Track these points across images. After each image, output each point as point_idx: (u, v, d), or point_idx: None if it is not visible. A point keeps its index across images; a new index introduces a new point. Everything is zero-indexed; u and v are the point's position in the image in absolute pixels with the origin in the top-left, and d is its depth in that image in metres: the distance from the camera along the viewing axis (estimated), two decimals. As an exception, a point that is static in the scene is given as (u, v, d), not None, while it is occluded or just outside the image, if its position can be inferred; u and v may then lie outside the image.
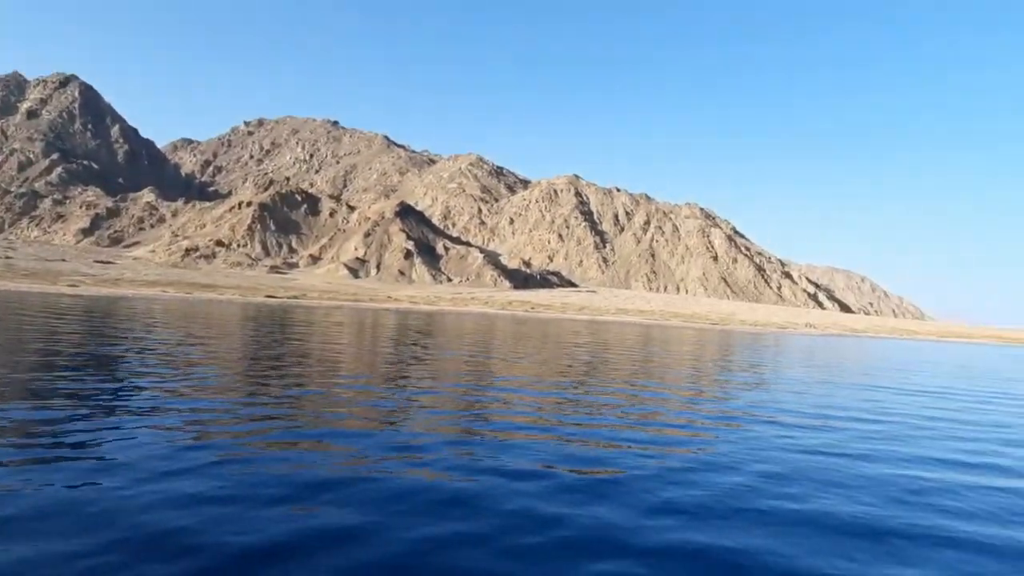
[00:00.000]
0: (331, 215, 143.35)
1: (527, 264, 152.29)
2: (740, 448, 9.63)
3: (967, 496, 7.82)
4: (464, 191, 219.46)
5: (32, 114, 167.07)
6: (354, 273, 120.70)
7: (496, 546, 5.30)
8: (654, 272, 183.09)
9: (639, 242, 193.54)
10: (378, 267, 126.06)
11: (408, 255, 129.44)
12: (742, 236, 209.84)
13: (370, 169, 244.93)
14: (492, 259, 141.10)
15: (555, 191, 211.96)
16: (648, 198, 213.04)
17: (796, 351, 38.04)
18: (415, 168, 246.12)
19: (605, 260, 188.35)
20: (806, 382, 20.42)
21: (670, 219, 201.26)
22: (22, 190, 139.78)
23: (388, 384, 13.68)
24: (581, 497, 6.65)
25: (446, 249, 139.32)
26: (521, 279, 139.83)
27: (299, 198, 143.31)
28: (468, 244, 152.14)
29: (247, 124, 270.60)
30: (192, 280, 79.57)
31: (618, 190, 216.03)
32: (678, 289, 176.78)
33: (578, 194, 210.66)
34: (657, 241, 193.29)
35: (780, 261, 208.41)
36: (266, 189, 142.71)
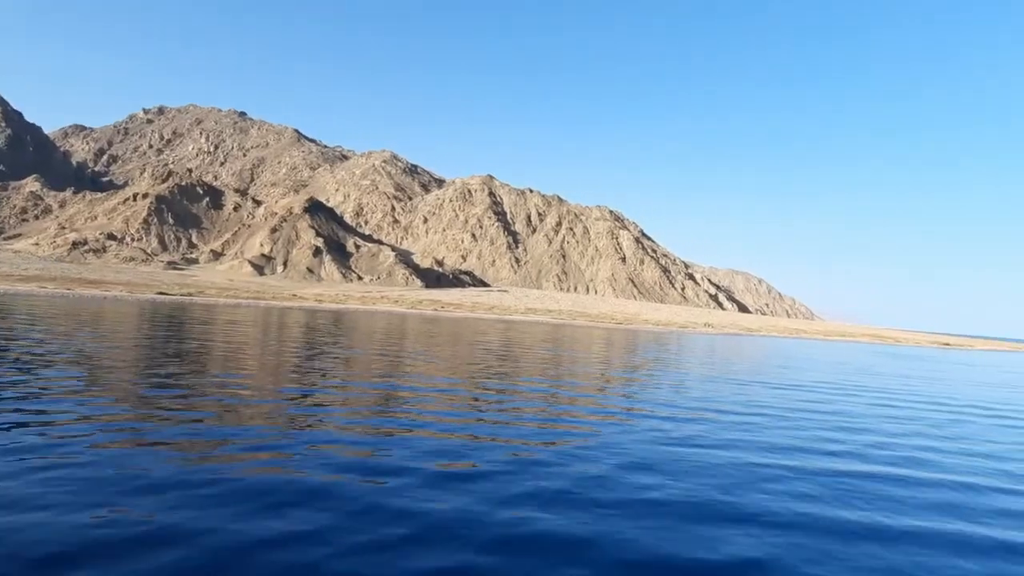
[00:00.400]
0: (235, 209, 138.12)
1: (439, 263, 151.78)
2: (609, 440, 10.22)
3: (793, 478, 8.69)
4: (377, 188, 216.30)
5: None
6: (259, 270, 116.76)
7: (334, 543, 5.22)
8: (565, 272, 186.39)
9: (551, 243, 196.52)
10: (285, 264, 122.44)
11: (317, 252, 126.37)
12: (649, 238, 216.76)
13: (279, 163, 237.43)
14: (404, 258, 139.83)
15: (469, 191, 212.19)
16: (560, 200, 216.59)
17: (691, 350, 39.82)
18: (327, 163, 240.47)
19: (517, 260, 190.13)
20: (693, 378, 21.68)
21: (581, 221, 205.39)
22: None
23: (265, 383, 13.51)
24: (437, 492, 6.73)
25: (357, 247, 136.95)
26: (433, 278, 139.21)
27: (200, 191, 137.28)
28: (380, 242, 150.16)
29: (146, 111, 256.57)
30: (77, 275, 74.82)
31: (531, 191, 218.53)
32: (588, 289, 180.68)
33: (492, 194, 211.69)
34: (568, 242, 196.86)
35: (684, 263, 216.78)
36: (164, 180, 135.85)
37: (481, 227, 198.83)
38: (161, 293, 56.56)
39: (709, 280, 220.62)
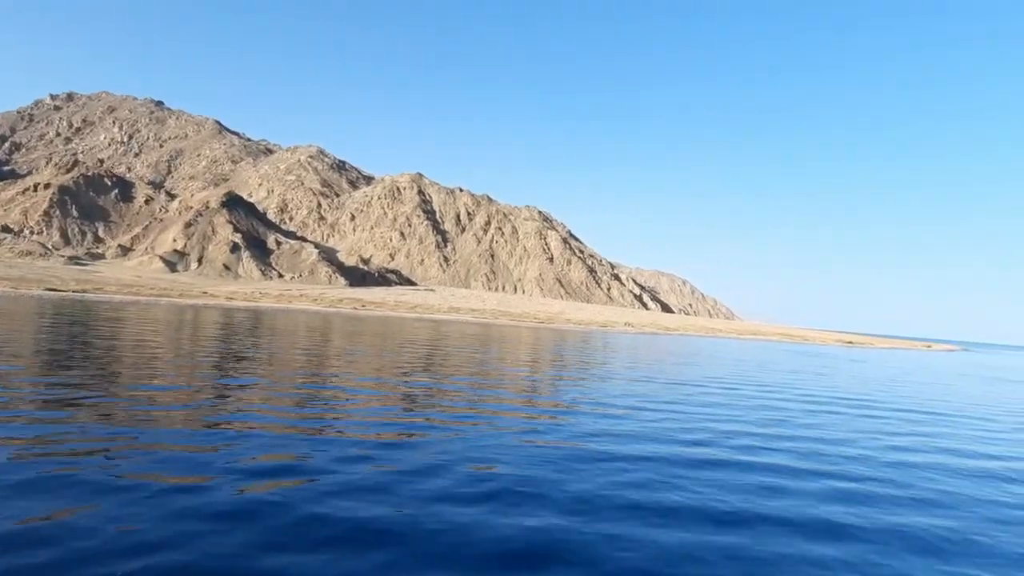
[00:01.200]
0: (147, 202, 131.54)
1: (365, 261, 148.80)
2: (469, 438, 9.87)
3: (631, 467, 8.82)
4: (303, 184, 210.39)
5: None
6: (171, 266, 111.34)
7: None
8: (493, 272, 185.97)
9: (479, 242, 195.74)
10: (200, 261, 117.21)
11: (235, 249, 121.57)
12: (576, 239, 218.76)
13: (199, 156, 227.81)
14: (328, 255, 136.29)
15: (398, 188, 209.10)
16: (490, 199, 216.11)
17: (605, 348, 39.65)
18: (250, 157, 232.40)
19: (446, 259, 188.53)
20: (592, 375, 21.52)
21: (510, 220, 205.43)
22: None
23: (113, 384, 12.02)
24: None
25: (278, 244, 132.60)
26: (358, 277, 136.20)
27: (109, 182, 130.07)
28: (303, 239, 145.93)
29: (54, 97, 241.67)
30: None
31: (461, 190, 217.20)
32: (516, 289, 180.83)
33: (421, 192, 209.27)
34: (497, 242, 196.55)
35: (610, 264, 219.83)
36: (69, 171, 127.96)
37: (410, 225, 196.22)
38: (51, 289, 52.65)
39: (634, 280, 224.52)
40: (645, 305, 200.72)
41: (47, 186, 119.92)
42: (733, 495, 7.85)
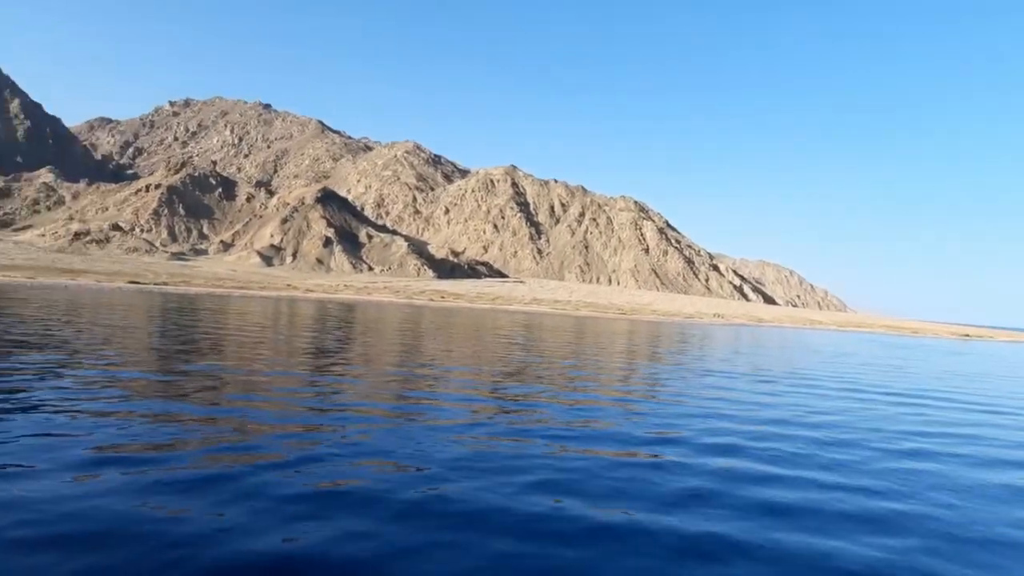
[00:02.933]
0: (248, 200, 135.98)
1: (455, 254, 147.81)
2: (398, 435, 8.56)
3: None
4: (399, 179, 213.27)
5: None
6: (267, 261, 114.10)
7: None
8: (587, 264, 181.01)
9: (573, 233, 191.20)
10: (294, 255, 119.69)
11: (327, 243, 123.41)
12: (674, 229, 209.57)
13: (302, 155, 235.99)
14: (417, 248, 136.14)
15: (492, 181, 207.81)
16: (584, 190, 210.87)
17: (672, 339, 34.95)
18: (350, 155, 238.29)
19: (539, 251, 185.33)
20: (636, 367, 19.89)
21: (604, 211, 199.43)
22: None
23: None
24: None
25: (369, 237, 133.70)
26: (447, 269, 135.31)
27: (213, 181, 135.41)
28: (394, 233, 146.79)
29: (172, 104, 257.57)
30: (68, 265, 72.48)
31: (555, 181, 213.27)
32: (610, 280, 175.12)
33: (515, 185, 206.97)
34: (591, 233, 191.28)
35: (709, 254, 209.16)
36: (177, 172, 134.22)
37: (503, 218, 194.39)
38: (132, 282, 53.29)
39: (734, 271, 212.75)
40: (745, 296, 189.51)
41: (157, 187, 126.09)
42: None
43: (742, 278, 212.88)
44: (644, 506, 6.30)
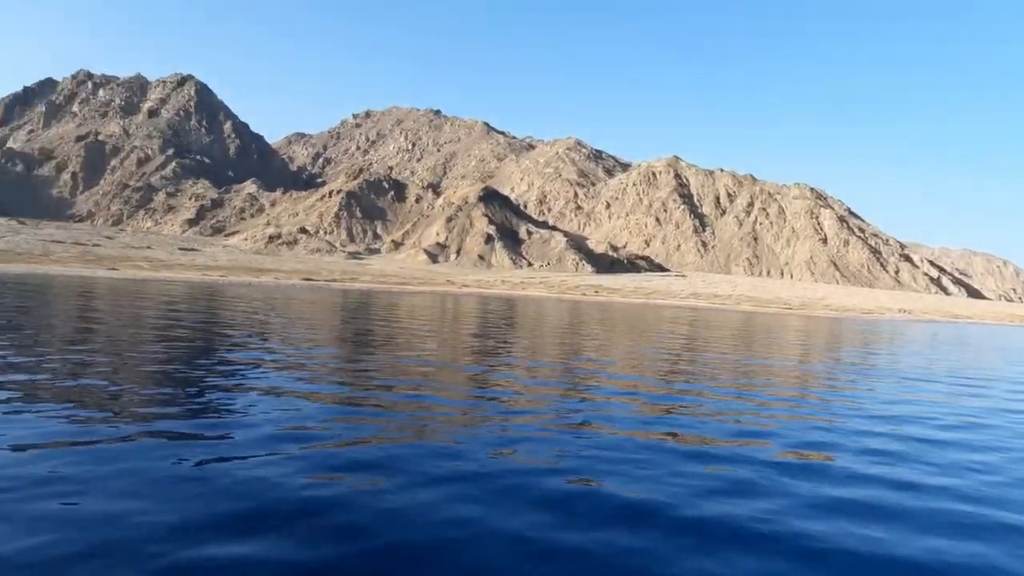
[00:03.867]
0: (417, 201, 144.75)
1: (615, 249, 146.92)
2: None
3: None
4: (560, 175, 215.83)
5: (152, 113, 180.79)
6: (433, 258, 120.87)
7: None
8: (756, 256, 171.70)
9: (741, 225, 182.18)
10: (458, 252, 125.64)
11: (488, 240, 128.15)
12: (856, 217, 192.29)
13: (469, 156, 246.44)
14: (576, 244, 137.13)
15: (653, 173, 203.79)
16: (753, 179, 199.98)
17: (859, 336, 32.33)
18: (513, 154, 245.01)
19: (704, 244, 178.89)
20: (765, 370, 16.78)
21: (776, 200, 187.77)
22: (139, 184, 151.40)
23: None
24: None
25: (529, 234, 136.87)
26: (606, 264, 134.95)
27: (386, 185, 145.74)
28: (554, 228, 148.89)
29: (355, 116, 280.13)
30: (259, 265, 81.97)
31: (721, 171, 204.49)
32: (782, 274, 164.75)
33: (678, 176, 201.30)
34: (761, 224, 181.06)
35: (900, 243, 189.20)
36: (355, 178, 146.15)
37: (665, 211, 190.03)
38: (306, 279, 59.28)
39: (931, 262, 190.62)
40: (944, 290, 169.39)
41: (338, 192, 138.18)
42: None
43: (940, 269, 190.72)
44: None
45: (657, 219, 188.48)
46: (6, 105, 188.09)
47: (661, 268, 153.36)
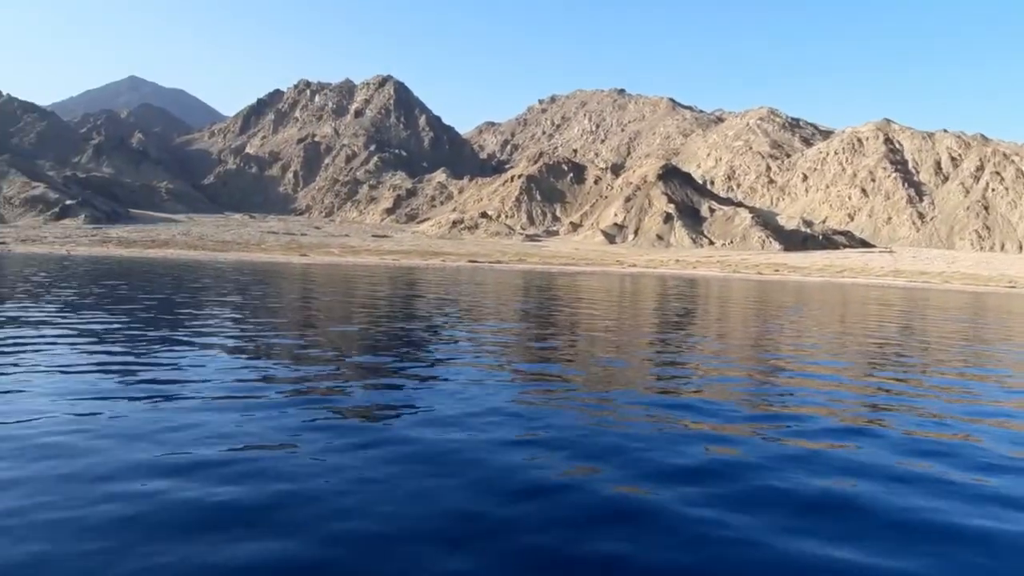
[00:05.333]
0: (596, 182, 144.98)
1: (808, 224, 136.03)
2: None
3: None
4: (751, 148, 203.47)
5: (358, 113, 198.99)
6: (610, 239, 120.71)
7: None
8: (987, 228, 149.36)
9: (968, 193, 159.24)
10: (636, 232, 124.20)
11: (668, 219, 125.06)
12: None
13: (653, 134, 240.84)
14: (763, 220, 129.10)
15: (859, 140, 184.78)
16: (984, 139, 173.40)
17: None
18: (700, 129, 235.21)
19: (921, 216, 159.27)
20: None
21: (1013, 163, 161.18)
22: (347, 179, 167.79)
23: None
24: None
25: (711, 211, 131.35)
26: (798, 241, 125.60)
27: (565, 168, 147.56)
28: (738, 205, 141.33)
29: (541, 102, 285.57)
30: (438, 249, 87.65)
31: (944, 132, 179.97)
32: (1021, 247, 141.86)
33: (888, 141, 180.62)
34: (993, 190, 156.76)
35: None
36: (535, 162, 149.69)
37: (873, 180, 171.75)
38: (472, 261, 62.55)
39: None
40: None
41: (519, 177, 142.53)
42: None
43: None
44: None
45: (863, 190, 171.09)
46: (244, 116, 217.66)
47: (864, 243, 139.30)
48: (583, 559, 3.67)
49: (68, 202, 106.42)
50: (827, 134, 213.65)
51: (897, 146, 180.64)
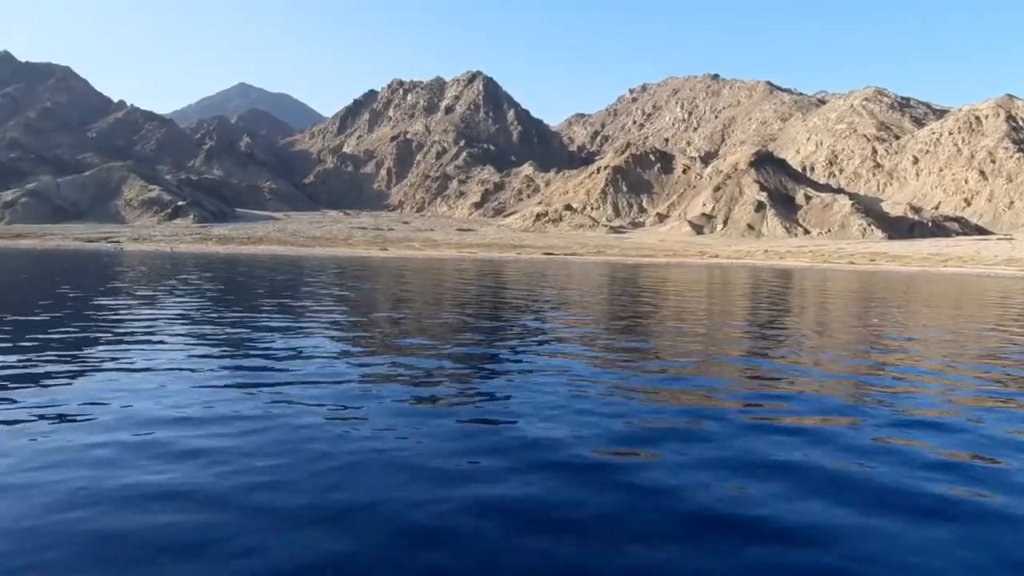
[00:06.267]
0: (684, 172, 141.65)
1: (916, 210, 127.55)
2: None
3: None
4: (855, 131, 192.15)
5: (448, 110, 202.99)
6: (697, 229, 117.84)
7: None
8: None
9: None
10: (725, 222, 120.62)
11: (759, 207, 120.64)
12: None
13: (749, 120, 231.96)
14: (865, 206, 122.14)
15: (977, 118, 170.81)
16: None
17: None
18: (799, 112, 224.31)
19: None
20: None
21: None
22: (437, 174, 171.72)
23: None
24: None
25: (807, 198, 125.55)
26: (905, 228, 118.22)
27: (653, 157, 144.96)
28: (838, 191, 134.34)
29: (631, 91, 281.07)
30: (519, 242, 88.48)
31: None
32: None
33: (1011, 119, 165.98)
34: None
35: None
36: (622, 153, 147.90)
37: (993, 162, 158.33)
38: (547, 253, 62.92)
39: None
40: None
41: (605, 168, 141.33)
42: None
43: None
44: None
45: (981, 172, 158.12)
46: (341, 117, 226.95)
47: (981, 231, 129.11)
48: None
49: (180, 203, 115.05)
50: (941, 113, 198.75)
51: (1021, 124, 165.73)
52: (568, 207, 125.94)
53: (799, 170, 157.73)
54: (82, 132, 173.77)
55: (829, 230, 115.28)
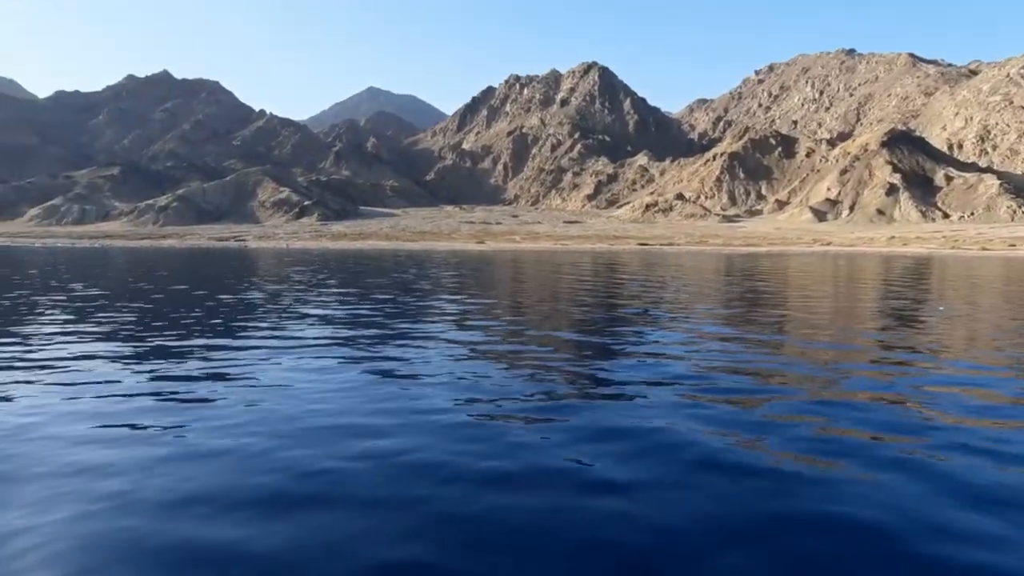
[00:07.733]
0: (808, 155, 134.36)
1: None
2: None
3: None
4: (1011, 103, 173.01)
5: (563, 103, 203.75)
6: (819, 216, 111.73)
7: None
8: None
9: None
10: (851, 208, 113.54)
11: (891, 191, 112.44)
12: None
13: (888, 96, 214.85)
14: (1017, 187, 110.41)
15: None
16: None
17: None
18: (947, 85, 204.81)
19: None
20: None
21: None
22: (552, 167, 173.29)
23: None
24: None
25: (948, 179, 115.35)
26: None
27: (773, 141, 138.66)
28: (986, 170, 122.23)
29: (757, 73, 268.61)
30: (624, 233, 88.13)
31: None
32: None
33: None
34: None
35: None
36: (740, 138, 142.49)
37: None
38: (642, 244, 62.60)
39: None
40: None
41: (721, 155, 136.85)
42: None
43: None
44: None
45: None
46: (460, 115, 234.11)
47: None
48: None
49: (306, 203, 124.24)
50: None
51: None
52: (680, 196, 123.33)
53: (944, 149, 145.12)
54: (227, 140, 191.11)
55: (972, 213, 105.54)
